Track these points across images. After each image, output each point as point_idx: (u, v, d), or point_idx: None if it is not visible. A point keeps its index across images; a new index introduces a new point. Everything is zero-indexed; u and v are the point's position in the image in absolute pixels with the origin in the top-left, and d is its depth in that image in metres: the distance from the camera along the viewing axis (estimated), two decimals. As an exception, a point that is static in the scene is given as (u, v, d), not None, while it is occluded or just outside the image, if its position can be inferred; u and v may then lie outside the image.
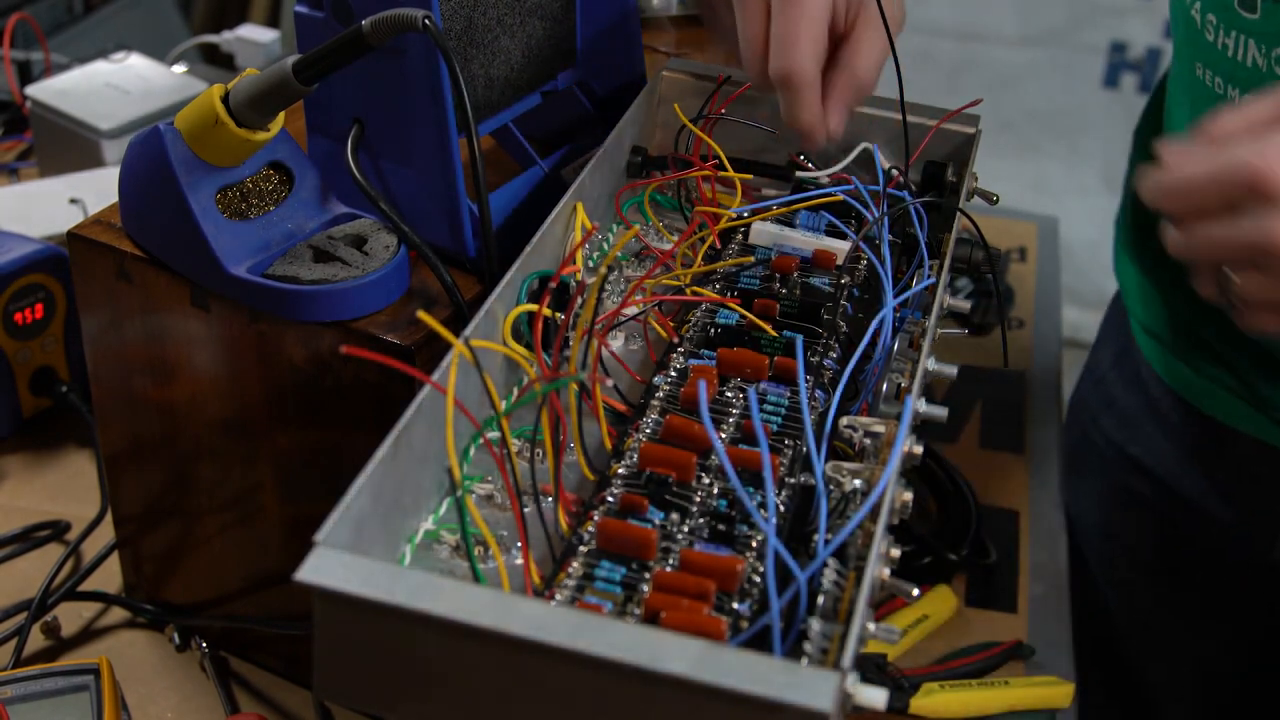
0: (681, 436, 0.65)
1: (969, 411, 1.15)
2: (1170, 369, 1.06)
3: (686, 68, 0.92)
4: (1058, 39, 3.23)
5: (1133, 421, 1.12)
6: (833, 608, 0.57)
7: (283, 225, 0.76)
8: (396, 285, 0.74)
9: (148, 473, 0.85)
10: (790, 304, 0.75)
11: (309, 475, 0.78)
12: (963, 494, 1.02)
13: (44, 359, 1.04)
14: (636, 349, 0.77)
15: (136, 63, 1.33)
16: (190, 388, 0.79)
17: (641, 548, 0.59)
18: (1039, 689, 0.88)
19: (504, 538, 0.63)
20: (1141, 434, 1.11)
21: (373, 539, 0.57)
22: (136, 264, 0.77)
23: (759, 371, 0.71)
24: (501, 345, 0.67)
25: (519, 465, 0.65)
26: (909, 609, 0.92)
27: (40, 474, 1.03)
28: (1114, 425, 1.14)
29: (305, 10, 0.76)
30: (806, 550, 0.62)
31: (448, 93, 0.74)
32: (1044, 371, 1.22)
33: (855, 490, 0.63)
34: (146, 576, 0.90)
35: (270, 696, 0.87)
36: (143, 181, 0.75)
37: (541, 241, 0.72)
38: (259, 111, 0.72)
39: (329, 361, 0.73)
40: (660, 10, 1.14)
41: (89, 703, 0.77)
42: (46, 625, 0.90)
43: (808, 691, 0.47)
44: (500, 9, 0.80)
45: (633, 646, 0.48)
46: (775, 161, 0.89)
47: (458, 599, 0.49)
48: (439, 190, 0.77)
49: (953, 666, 0.89)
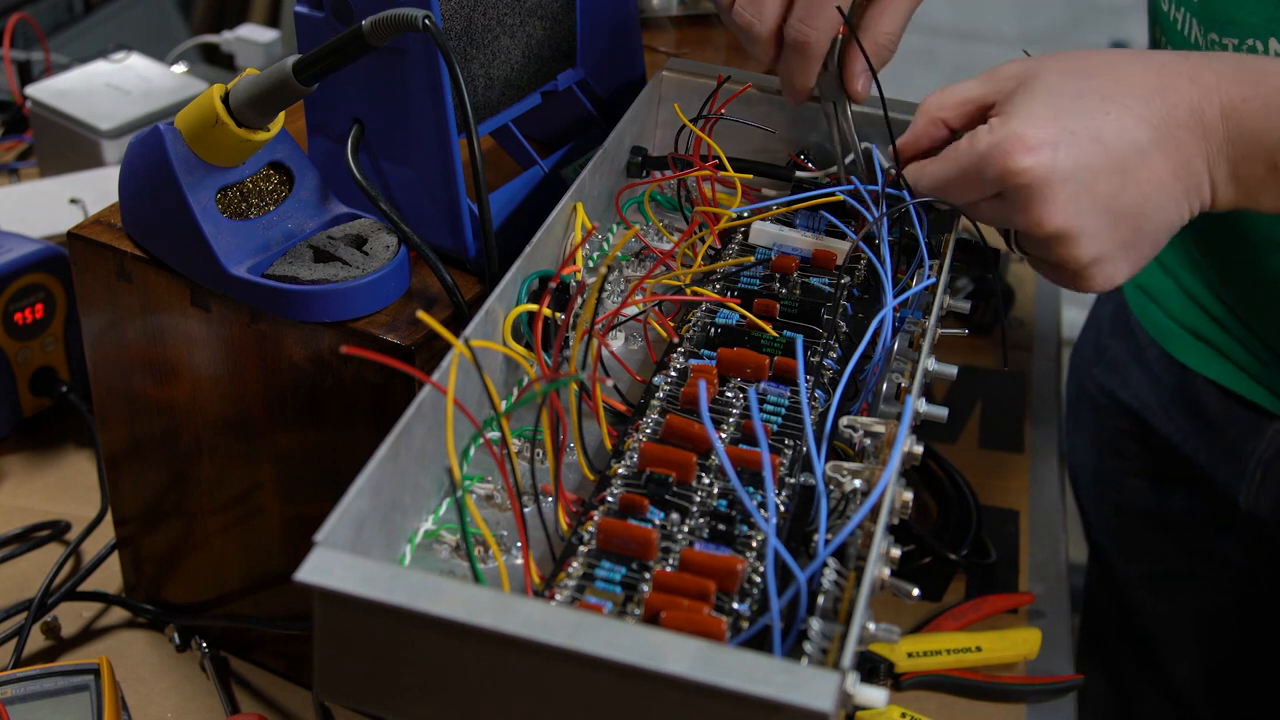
0: (681, 436, 0.65)
1: (969, 411, 1.15)
2: (1147, 314, 1.10)
3: (686, 68, 0.92)
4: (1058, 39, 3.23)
5: (1122, 368, 1.15)
6: (833, 608, 0.57)
7: (283, 225, 0.76)
8: (396, 285, 0.74)
9: (148, 473, 0.85)
10: (790, 304, 0.76)
11: (309, 475, 0.78)
12: (963, 494, 1.02)
13: (44, 359, 1.04)
14: (636, 349, 0.77)
15: (136, 63, 1.33)
16: (190, 388, 0.79)
17: (641, 548, 0.59)
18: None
19: (504, 538, 0.63)
20: (1130, 379, 1.13)
21: (373, 539, 0.57)
22: (136, 264, 0.77)
23: (759, 371, 0.71)
24: (501, 345, 0.67)
25: (519, 465, 0.65)
26: (999, 644, 0.91)
27: (40, 474, 1.03)
28: (1105, 371, 1.17)
29: (305, 10, 0.76)
30: (806, 550, 0.62)
31: (448, 93, 0.74)
32: (1044, 371, 1.22)
33: (855, 490, 0.63)
34: (146, 576, 0.90)
35: (270, 696, 0.87)
36: (143, 181, 0.75)
37: (541, 241, 0.72)
38: (259, 111, 0.72)
39: (329, 361, 0.73)
40: (660, 10, 1.14)
41: (89, 703, 0.77)
42: (46, 625, 0.90)
43: (808, 691, 0.47)
44: (500, 9, 0.80)
45: (633, 646, 0.48)
46: (775, 161, 0.89)
47: (458, 599, 0.49)
48: (439, 190, 0.77)
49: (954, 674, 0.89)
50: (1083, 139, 0.68)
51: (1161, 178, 0.70)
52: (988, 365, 1.20)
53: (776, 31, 0.80)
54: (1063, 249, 0.71)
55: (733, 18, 0.80)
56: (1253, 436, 1.01)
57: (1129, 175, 0.69)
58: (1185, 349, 1.06)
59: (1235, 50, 0.85)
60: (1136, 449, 1.14)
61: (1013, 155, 0.68)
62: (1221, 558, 1.11)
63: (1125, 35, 3.17)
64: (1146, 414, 1.11)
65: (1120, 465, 1.17)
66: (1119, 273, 0.73)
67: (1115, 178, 0.69)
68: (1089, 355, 1.20)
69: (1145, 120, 0.69)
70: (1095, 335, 1.20)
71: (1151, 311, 1.09)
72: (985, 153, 0.70)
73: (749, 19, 0.79)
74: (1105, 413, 1.17)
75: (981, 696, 0.88)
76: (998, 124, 0.70)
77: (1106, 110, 0.69)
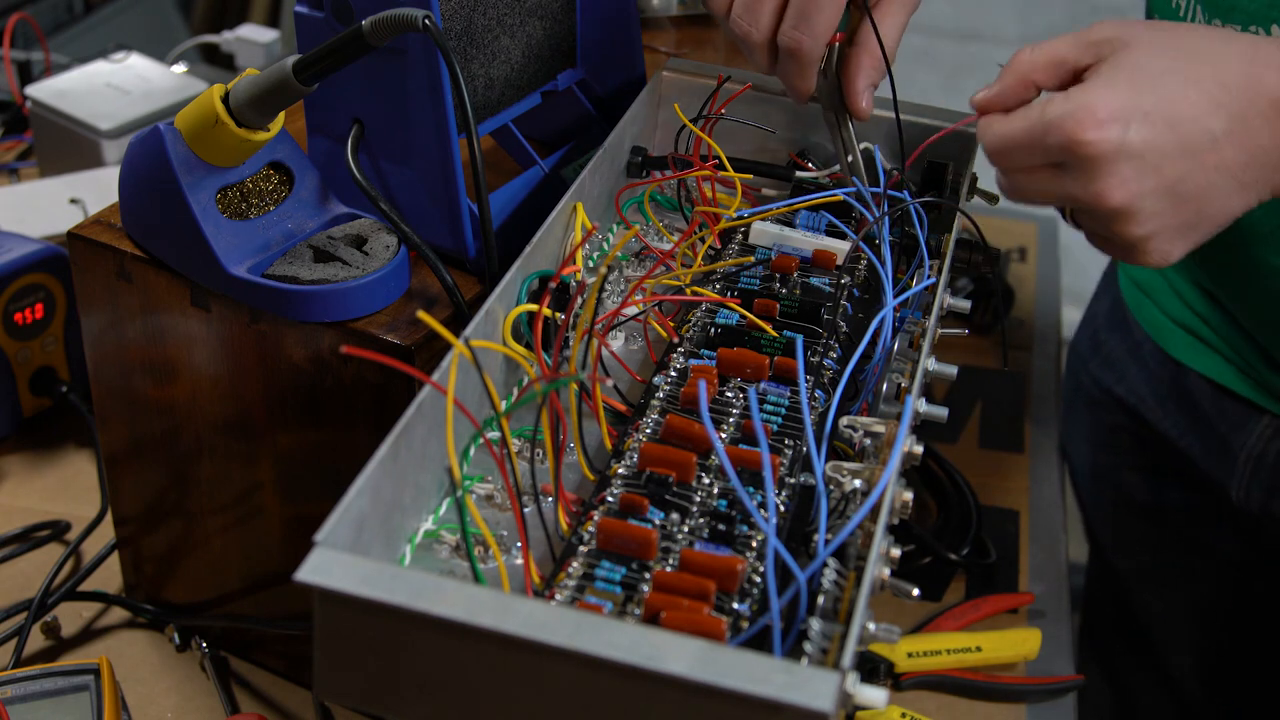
0: (681, 436, 0.65)
1: (969, 411, 1.15)
2: (1142, 310, 1.10)
3: (686, 68, 0.92)
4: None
5: (1118, 363, 1.15)
6: (833, 608, 0.57)
7: (283, 225, 0.76)
8: (396, 285, 0.74)
9: (148, 473, 0.85)
10: (790, 304, 0.75)
11: (309, 475, 0.78)
12: (963, 494, 1.02)
13: (44, 359, 1.04)
14: (636, 349, 0.77)
15: (136, 63, 1.33)
16: (190, 388, 0.79)
17: (641, 548, 0.59)
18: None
19: (504, 538, 0.63)
20: (1127, 374, 1.14)
21: (373, 539, 0.57)
22: (136, 264, 0.77)
23: (759, 371, 0.71)
24: (501, 345, 0.67)
25: (519, 465, 0.65)
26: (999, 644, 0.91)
27: (40, 474, 1.03)
28: (1101, 367, 1.17)
29: (305, 10, 0.76)
30: (806, 550, 0.62)
31: (448, 93, 0.74)
32: (1043, 371, 1.22)
33: (855, 490, 0.63)
34: (146, 576, 0.90)
35: (270, 696, 0.87)
36: (143, 181, 0.75)
37: (541, 241, 0.72)
38: (259, 111, 0.72)
39: (329, 361, 0.73)
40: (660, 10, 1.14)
41: (89, 703, 0.77)
42: (46, 625, 0.90)
43: (808, 691, 0.47)
44: (500, 9, 0.80)
45: (633, 646, 0.48)
46: (775, 161, 0.89)
47: (458, 599, 0.49)
48: (439, 190, 0.77)
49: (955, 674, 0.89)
50: (1156, 120, 0.68)
51: (1230, 166, 0.69)
52: (988, 365, 1.20)
53: (772, 39, 0.80)
54: (1120, 225, 0.70)
55: (730, 27, 0.81)
56: (1243, 431, 1.02)
57: (1196, 160, 0.68)
58: (1178, 344, 1.06)
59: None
60: (1132, 444, 1.15)
61: (1083, 126, 0.67)
62: (1216, 551, 1.11)
63: (1125, 35, 3.16)
64: (1142, 409, 1.11)
65: (1116, 460, 1.17)
66: (1175, 250, 0.72)
67: (1183, 162, 0.68)
68: (1085, 351, 1.21)
69: (1224, 107, 0.68)
70: (1091, 331, 1.20)
71: (1146, 307, 1.10)
72: (1055, 120, 0.69)
73: (746, 27, 0.80)
74: (1101, 408, 1.17)
75: (981, 696, 0.88)
76: (1075, 92, 0.69)
77: (1187, 94, 0.68)
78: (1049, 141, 0.69)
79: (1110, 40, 0.71)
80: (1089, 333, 1.22)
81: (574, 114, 0.91)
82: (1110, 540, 1.22)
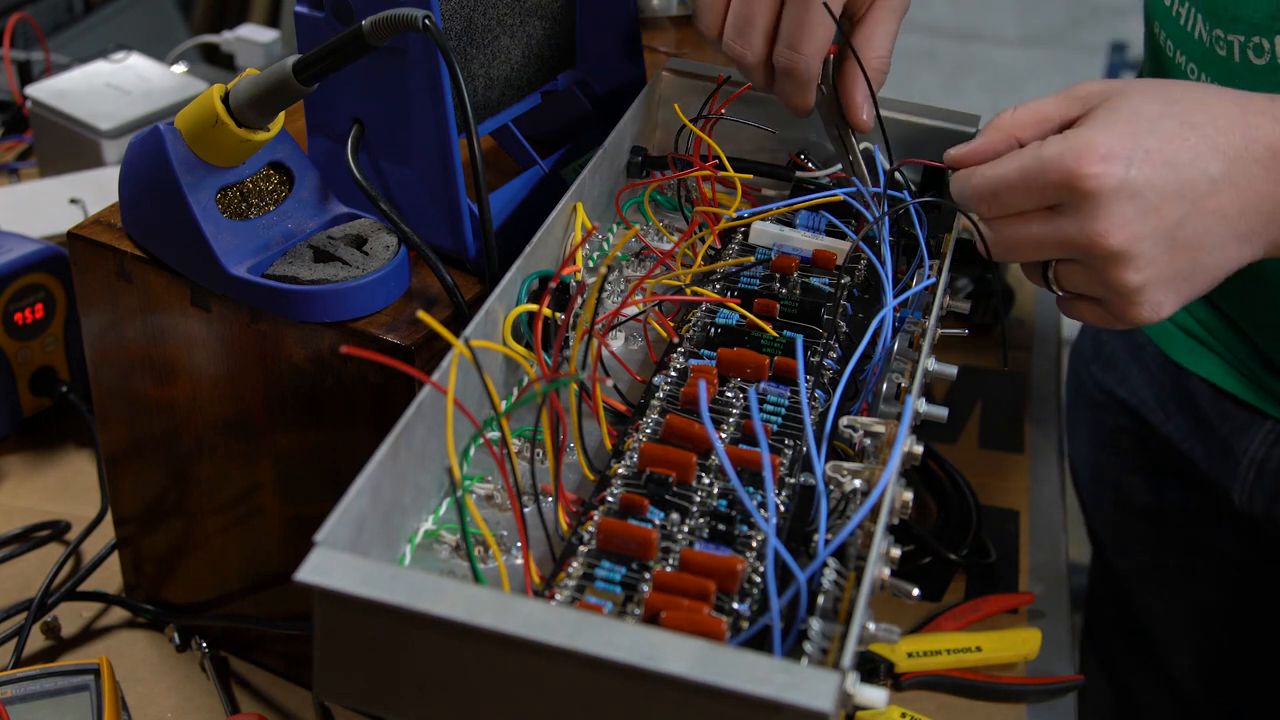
0: (681, 436, 0.65)
1: (969, 411, 1.15)
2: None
3: (686, 68, 0.92)
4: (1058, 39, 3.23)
5: (1120, 366, 1.15)
6: (833, 608, 0.57)
7: (283, 225, 0.76)
8: (396, 285, 0.74)
9: (148, 473, 0.85)
10: (790, 304, 0.76)
11: (309, 475, 0.78)
12: (963, 494, 1.02)
13: (44, 359, 1.04)
14: (636, 349, 0.77)
15: (136, 63, 1.33)
16: (190, 388, 0.79)
17: (641, 548, 0.59)
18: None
19: (504, 538, 0.63)
20: (1128, 377, 1.14)
21: (373, 539, 0.57)
22: (136, 264, 0.77)
23: (759, 371, 0.71)
24: (501, 345, 0.67)
25: (519, 465, 0.65)
26: (999, 644, 0.91)
27: (40, 474, 1.03)
28: (1103, 369, 1.17)
29: (305, 10, 0.76)
30: (806, 550, 0.62)
31: (448, 93, 0.74)
32: (1044, 371, 1.22)
33: (855, 490, 0.63)
34: (146, 576, 0.90)
35: (270, 696, 0.87)
36: (143, 181, 0.75)
37: (541, 241, 0.72)
38: (259, 111, 0.72)
39: (329, 361, 0.73)
40: (660, 10, 1.14)
41: (89, 703, 0.77)
42: (46, 625, 0.90)
43: (808, 691, 0.47)
44: (500, 9, 0.80)
45: (633, 646, 0.48)
46: (775, 161, 0.89)
47: (458, 599, 0.49)
48: (439, 190, 0.77)
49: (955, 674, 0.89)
50: (1156, 160, 0.66)
51: (1226, 212, 0.68)
52: (988, 365, 1.20)
53: (767, 59, 0.80)
54: (1118, 271, 0.68)
55: (724, 49, 0.81)
56: (1245, 435, 1.02)
57: (1195, 205, 0.67)
58: (1180, 348, 1.06)
59: (1240, 47, 0.85)
60: (1134, 446, 1.15)
61: (1084, 161, 0.66)
62: (1216, 552, 1.11)
63: (1125, 35, 3.17)
64: (1144, 411, 1.11)
65: (1118, 461, 1.17)
66: (1167, 303, 0.70)
67: (1182, 205, 0.67)
68: (1087, 352, 1.21)
69: (1221, 152, 0.67)
70: (1094, 333, 1.21)
71: None
72: (1054, 157, 0.67)
73: (740, 50, 0.80)
74: (1103, 409, 1.17)
75: (981, 696, 0.88)
76: (1073, 133, 0.68)
77: (1186, 136, 0.67)
78: (1047, 179, 0.67)
79: (1097, 94, 0.71)
80: (1091, 334, 1.22)
81: (574, 114, 0.91)
82: (1111, 540, 1.22)
